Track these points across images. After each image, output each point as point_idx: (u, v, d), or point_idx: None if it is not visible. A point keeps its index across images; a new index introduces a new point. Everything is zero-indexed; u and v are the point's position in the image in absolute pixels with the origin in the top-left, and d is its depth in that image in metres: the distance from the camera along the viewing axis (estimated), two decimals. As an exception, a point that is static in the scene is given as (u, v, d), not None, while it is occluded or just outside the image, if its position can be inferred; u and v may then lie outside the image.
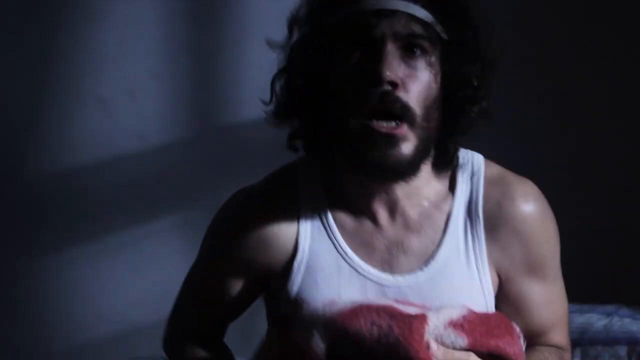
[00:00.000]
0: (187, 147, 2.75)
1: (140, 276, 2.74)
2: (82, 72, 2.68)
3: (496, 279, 1.50)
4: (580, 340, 2.08)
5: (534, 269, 1.50)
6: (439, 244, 1.48)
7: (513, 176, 1.52)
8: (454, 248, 1.48)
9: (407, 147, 1.40)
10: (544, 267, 1.51)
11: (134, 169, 2.73)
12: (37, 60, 2.68)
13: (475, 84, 1.45)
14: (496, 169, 1.53)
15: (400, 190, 1.46)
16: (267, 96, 2.74)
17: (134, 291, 2.74)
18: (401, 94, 1.39)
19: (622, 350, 2.14)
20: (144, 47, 2.71)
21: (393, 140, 1.39)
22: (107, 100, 2.70)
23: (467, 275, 1.48)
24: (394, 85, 1.39)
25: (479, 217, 1.49)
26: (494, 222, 1.48)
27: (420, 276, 1.46)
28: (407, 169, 1.42)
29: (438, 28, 1.43)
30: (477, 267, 1.48)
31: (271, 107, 1.58)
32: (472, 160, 1.53)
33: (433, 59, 1.42)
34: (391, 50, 1.39)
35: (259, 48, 2.74)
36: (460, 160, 1.51)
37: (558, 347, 1.56)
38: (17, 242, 2.72)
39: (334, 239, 1.48)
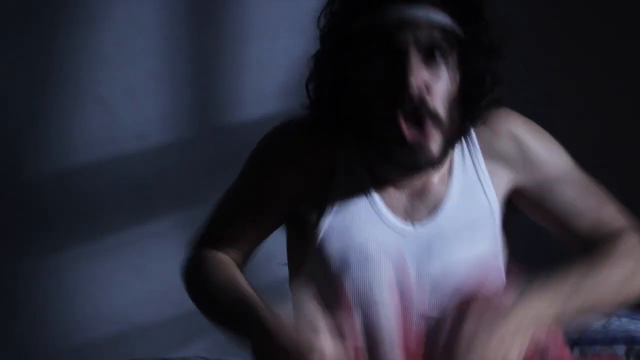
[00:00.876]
0: (187, 147, 2.76)
1: (140, 276, 2.74)
2: (82, 72, 2.68)
3: (503, 191, 1.59)
4: (578, 340, 2.09)
5: (541, 164, 1.60)
6: (447, 187, 1.58)
7: (494, 113, 1.60)
8: (460, 186, 1.58)
9: (435, 147, 1.49)
10: (553, 167, 1.60)
11: (134, 169, 2.73)
12: (37, 60, 2.68)
13: (491, 79, 1.54)
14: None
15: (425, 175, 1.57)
16: (267, 96, 2.76)
17: (134, 291, 2.74)
18: (427, 97, 1.47)
19: (621, 350, 2.14)
20: (144, 47, 2.71)
21: (423, 144, 1.48)
22: (107, 100, 2.71)
23: (477, 204, 1.57)
24: (420, 90, 1.46)
25: (475, 145, 1.59)
26: (487, 145, 1.59)
27: (438, 220, 1.56)
28: (436, 165, 1.52)
29: (456, 30, 1.49)
30: (485, 194, 1.58)
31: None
32: None
33: (451, 59, 1.50)
34: (414, 57, 1.46)
35: (259, 48, 2.76)
36: None
37: (618, 232, 1.57)
38: (17, 242, 2.72)
39: (365, 186, 1.57)
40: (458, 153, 1.60)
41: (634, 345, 2.14)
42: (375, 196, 1.57)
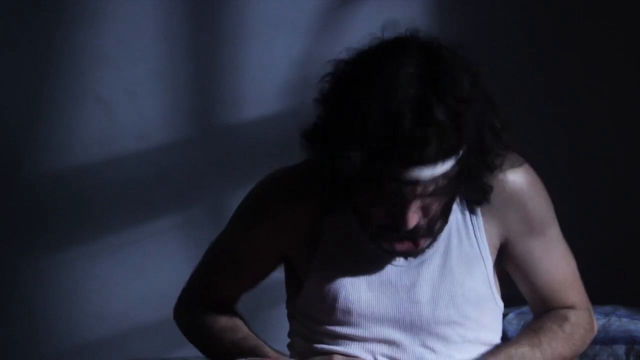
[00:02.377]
0: (187, 147, 2.75)
1: (140, 276, 2.74)
2: (82, 72, 2.68)
3: (495, 243, 1.63)
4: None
5: (532, 228, 1.63)
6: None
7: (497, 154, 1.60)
8: (452, 225, 1.59)
9: (426, 244, 1.54)
10: (542, 225, 1.64)
11: (134, 169, 2.73)
12: (37, 60, 2.68)
13: (492, 169, 1.54)
14: None
15: None
16: (267, 96, 2.76)
17: (134, 291, 2.74)
18: (422, 223, 1.50)
19: (621, 350, 2.14)
20: (144, 48, 2.71)
21: (415, 252, 1.54)
22: (107, 100, 2.70)
23: (468, 242, 1.61)
24: (416, 224, 1.49)
25: None
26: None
27: (428, 252, 1.58)
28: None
29: (461, 166, 1.47)
30: (475, 237, 1.61)
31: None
32: None
33: (450, 179, 1.47)
34: (414, 205, 1.47)
35: (259, 48, 2.76)
36: None
37: (568, 308, 1.67)
38: (17, 242, 2.72)
39: (354, 226, 1.58)
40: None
41: (634, 345, 2.14)
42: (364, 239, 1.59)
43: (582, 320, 1.67)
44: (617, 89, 2.73)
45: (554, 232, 1.66)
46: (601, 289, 2.15)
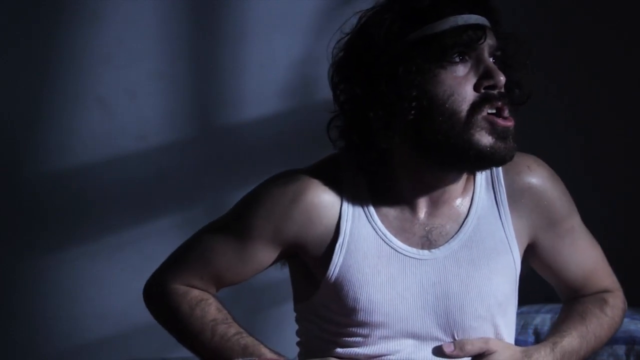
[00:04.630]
0: (187, 147, 2.75)
1: (140, 276, 2.73)
2: (82, 72, 2.68)
3: (523, 242, 1.66)
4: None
5: (556, 223, 1.67)
6: (467, 215, 1.63)
7: (519, 152, 1.63)
8: (481, 216, 1.63)
9: (514, 138, 1.56)
10: (567, 218, 1.68)
11: (134, 169, 2.73)
12: (37, 60, 2.68)
13: (523, 85, 1.63)
14: None
15: (454, 182, 1.62)
16: (267, 96, 2.76)
17: (134, 291, 2.73)
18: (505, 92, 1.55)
19: (621, 350, 2.14)
20: (144, 47, 2.71)
21: (510, 132, 1.55)
22: (107, 100, 2.70)
23: (496, 236, 1.63)
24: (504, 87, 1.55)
25: (502, 185, 1.64)
26: (514, 191, 1.65)
27: (454, 244, 1.60)
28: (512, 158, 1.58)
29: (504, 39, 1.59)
30: (504, 231, 1.63)
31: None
32: None
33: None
34: (490, 59, 1.55)
35: (259, 48, 2.76)
36: None
37: (603, 292, 1.73)
38: (17, 242, 2.72)
39: (374, 224, 1.60)
40: (483, 185, 1.65)
41: (634, 345, 2.14)
42: (387, 233, 1.60)
43: (618, 301, 1.75)
44: (617, 89, 2.73)
45: (578, 222, 1.71)
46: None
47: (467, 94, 1.52)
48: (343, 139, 1.60)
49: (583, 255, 1.70)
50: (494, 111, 1.53)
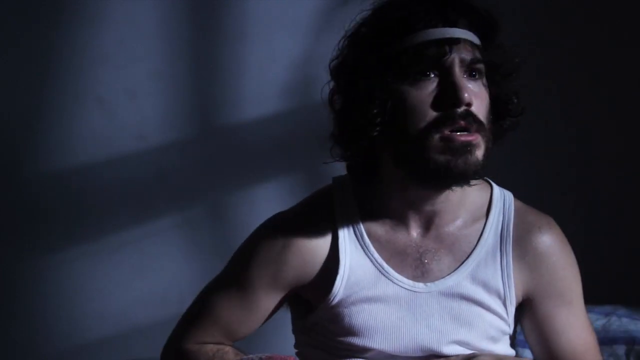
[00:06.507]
0: (187, 147, 2.75)
1: (140, 276, 2.74)
2: (82, 72, 2.68)
3: (519, 295, 1.63)
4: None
5: (559, 293, 1.63)
6: (469, 254, 1.61)
7: (536, 211, 1.67)
8: (482, 259, 1.61)
9: (480, 152, 1.52)
10: (567, 292, 1.64)
11: (134, 169, 2.73)
12: (37, 60, 2.68)
13: (515, 100, 1.61)
14: (522, 204, 1.68)
15: (442, 203, 1.59)
16: (267, 96, 2.76)
17: (134, 291, 2.74)
18: (474, 110, 1.51)
19: (621, 350, 2.15)
20: (144, 47, 2.71)
21: (471, 147, 1.50)
22: (107, 100, 2.70)
23: (492, 284, 1.61)
24: (469, 105, 1.51)
25: (510, 236, 1.63)
26: (521, 246, 1.63)
27: (450, 281, 1.60)
28: (478, 173, 1.55)
29: (485, 53, 1.56)
30: (502, 279, 1.62)
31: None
32: (504, 194, 1.68)
33: (484, 80, 1.56)
34: (460, 75, 1.51)
35: (259, 48, 2.76)
36: (497, 192, 1.67)
37: None
38: (17, 242, 2.72)
39: (369, 254, 1.61)
40: (492, 229, 1.63)
41: (634, 345, 2.14)
42: (383, 262, 1.60)
43: None
44: (617, 89, 2.73)
45: (579, 301, 1.66)
46: (601, 289, 2.16)
47: (426, 113, 1.50)
48: (335, 144, 1.61)
49: (577, 337, 1.66)
50: (455, 131, 1.50)
